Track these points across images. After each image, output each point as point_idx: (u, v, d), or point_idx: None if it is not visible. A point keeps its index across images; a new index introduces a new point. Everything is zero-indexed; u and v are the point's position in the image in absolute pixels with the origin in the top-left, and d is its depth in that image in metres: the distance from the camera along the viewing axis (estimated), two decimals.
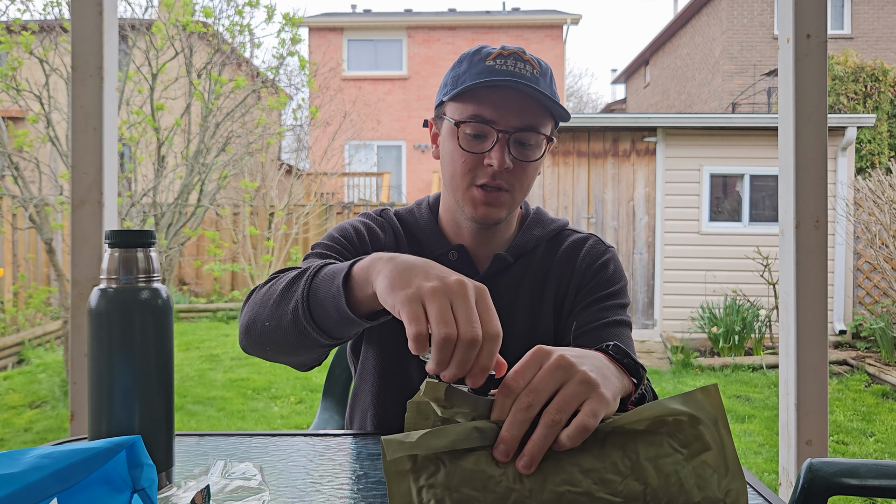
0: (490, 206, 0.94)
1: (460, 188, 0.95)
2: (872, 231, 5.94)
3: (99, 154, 1.47)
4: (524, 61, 0.92)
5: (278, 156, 11.99)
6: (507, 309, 1.00)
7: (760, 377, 5.08)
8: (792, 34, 1.48)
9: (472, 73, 0.92)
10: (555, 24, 15.34)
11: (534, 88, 0.89)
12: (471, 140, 0.92)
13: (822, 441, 1.45)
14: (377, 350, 1.04)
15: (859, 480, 0.65)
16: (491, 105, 0.91)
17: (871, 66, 8.82)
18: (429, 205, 1.07)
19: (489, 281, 1.01)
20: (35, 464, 0.50)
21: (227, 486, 0.72)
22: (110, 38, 1.52)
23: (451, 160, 0.95)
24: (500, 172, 0.92)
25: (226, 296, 8.55)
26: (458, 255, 1.01)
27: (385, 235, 1.02)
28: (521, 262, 1.03)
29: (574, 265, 1.03)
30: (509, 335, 1.00)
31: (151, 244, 0.72)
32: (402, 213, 1.07)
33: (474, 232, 1.01)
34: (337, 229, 1.01)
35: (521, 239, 1.03)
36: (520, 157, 0.93)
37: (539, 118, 0.93)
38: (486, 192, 0.93)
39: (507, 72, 0.90)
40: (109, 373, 0.68)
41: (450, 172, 0.96)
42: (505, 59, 0.91)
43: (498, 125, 0.91)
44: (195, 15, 5.10)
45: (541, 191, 6.66)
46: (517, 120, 0.91)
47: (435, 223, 1.04)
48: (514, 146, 0.92)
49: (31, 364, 5.24)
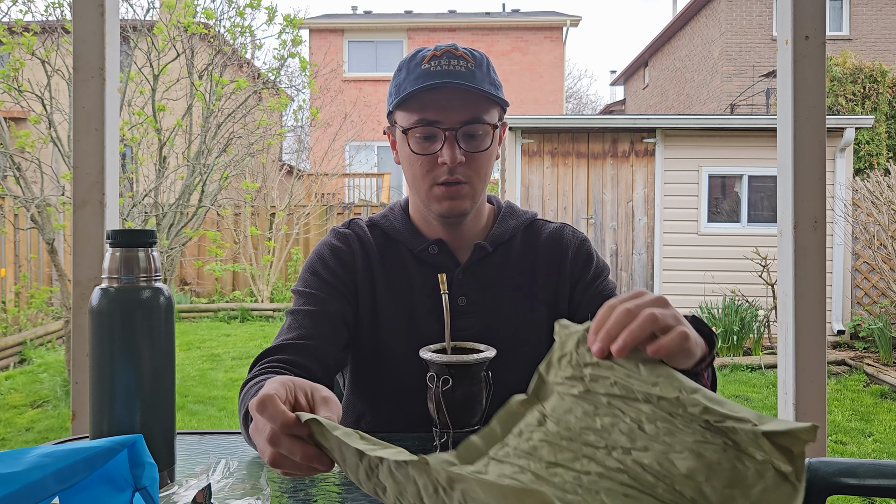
0: (453, 200, 0.99)
1: (422, 189, 1.00)
2: (871, 232, 5.94)
3: (101, 154, 1.48)
4: (457, 57, 0.96)
5: (279, 157, 11.99)
6: (493, 294, 1.05)
7: (759, 377, 5.08)
8: (790, 35, 1.48)
9: (410, 79, 0.97)
10: (554, 26, 15.35)
11: (467, 85, 0.94)
12: (421, 143, 0.97)
13: (820, 441, 1.46)
14: (365, 361, 1.06)
15: (858, 480, 0.65)
16: (433, 107, 0.95)
17: (869, 67, 8.82)
18: (401, 207, 1.11)
19: (472, 269, 1.05)
20: (36, 463, 0.50)
21: (228, 484, 0.72)
22: (112, 40, 1.52)
23: (409, 164, 1.00)
24: (455, 168, 0.96)
25: (227, 296, 8.55)
26: (438, 249, 1.05)
27: (351, 249, 1.06)
28: (501, 251, 1.07)
29: (566, 260, 1.08)
30: (497, 319, 1.03)
31: (153, 244, 0.72)
32: (377, 218, 1.10)
33: (446, 226, 1.05)
34: (307, 267, 1.05)
35: (497, 229, 1.08)
36: (470, 150, 0.97)
37: (481, 109, 0.97)
38: (447, 187, 0.98)
39: (442, 72, 0.95)
40: (111, 372, 0.69)
41: (411, 176, 1.01)
42: (439, 60, 0.96)
43: (443, 124, 0.95)
44: (196, 16, 5.11)
45: (540, 191, 6.66)
46: (459, 115, 0.95)
47: (409, 222, 1.08)
48: (462, 140, 0.96)
49: (33, 364, 5.25)
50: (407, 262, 1.05)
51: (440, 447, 0.85)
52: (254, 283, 8.30)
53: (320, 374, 0.95)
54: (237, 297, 8.37)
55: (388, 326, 1.03)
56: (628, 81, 21.13)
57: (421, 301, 1.03)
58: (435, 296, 1.02)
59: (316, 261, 1.05)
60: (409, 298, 1.03)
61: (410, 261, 1.05)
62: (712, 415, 0.49)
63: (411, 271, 1.04)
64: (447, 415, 0.82)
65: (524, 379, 1.04)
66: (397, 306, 1.03)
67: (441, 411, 0.82)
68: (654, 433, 0.50)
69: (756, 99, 12.58)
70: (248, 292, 8.53)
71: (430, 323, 1.02)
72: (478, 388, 0.83)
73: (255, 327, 7.14)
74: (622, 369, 0.55)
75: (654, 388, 0.52)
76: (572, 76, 29.31)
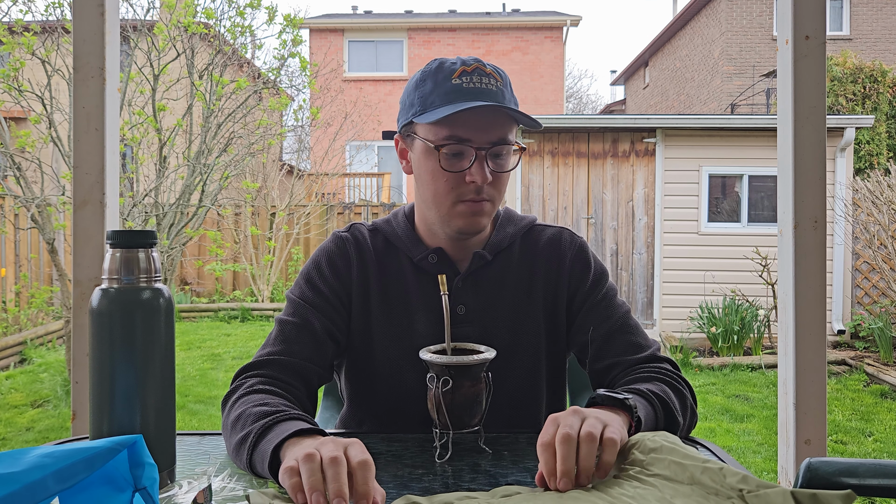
0: (476, 216, 0.99)
1: (445, 205, 0.99)
2: (871, 231, 5.94)
3: (101, 154, 1.47)
4: (487, 75, 0.96)
5: (280, 156, 11.99)
6: (492, 302, 1.04)
7: (759, 377, 5.08)
8: (791, 35, 1.48)
9: (439, 92, 0.95)
10: (555, 26, 15.34)
11: (505, 108, 0.93)
12: (450, 160, 0.96)
13: (820, 440, 1.46)
14: (362, 368, 1.06)
15: (858, 480, 0.65)
16: (465, 125, 0.94)
17: (869, 67, 8.82)
18: (405, 214, 1.10)
19: (472, 278, 1.05)
20: (37, 463, 0.50)
21: (228, 485, 0.72)
22: (112, 39, 1.52)
23: (433, 179, 0.98)
24: (482, 186, 0.96)
25: (227, 296, 8.55)
26: (438, 258, 1.04)
27: (348, 256, 1.05)
28: (500, 258, 1.07)
29: (563, 267, 1.08)
30: (496, 327, 1.03)
31: (153, 244, 0.72)
32: (380, 223, 1.10)
33: (452, 238, 1.04)
34: (303, 274, 1.05)
35: (496, 237, 1.07)
36: (497, 169, 0.97)
37: (508, 129, 0.97)
38: (473, 204, 0.98)
39: (475, 90, 0.94)
40: (111, 372, 0.69)
41: (431, 191, 0.99)
42: (470, 77, 0.95)
43: (473, 143, 0.95)
44: (197, 16, 5.10)
45: (541, 191, 6.66)
46: (490, 136, 0.95)
47: (412, 231, 1.07)
48: (490, 160, 0.96)
49: (33, 363, 5.25)
50: (405, 269, 1.05)
51: (440, 448, 0.85)
52: (254, 283, 8.30)
53: (302, 391, 0.95)
54: (237, 296, 8.38)
55: (384, 333, 1.03)
56: (628, 81, 21.12)
57: (417, 308, 1.03)
58: (432, 304, 1.02)
59: (312, 268, 1.05)
60: (406, 305, 1.03)
61: (409, 268, 1.05)
62: (748, 484, 0.58)
63: (409, 278, 1.04)
64: (447, 416, 0.82)
65: (522, 386, 1.05)
66: (394, 313, 1.03)
67: (441, 412, 0.82)
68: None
69: (756, 99, 12.57)
70: (248, 292, 8.54)
71: (426, 330, 1.01)
72: (478, 389, 0.83)
73: (255, 327, 7.14)
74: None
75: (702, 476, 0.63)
76: (572, 76, 29.31)
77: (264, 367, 0.95)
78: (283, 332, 0.99)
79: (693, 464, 0.63)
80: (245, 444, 0.79)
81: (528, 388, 1.05)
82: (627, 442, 0.73)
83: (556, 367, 1.09)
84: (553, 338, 1.07)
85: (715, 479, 0.60)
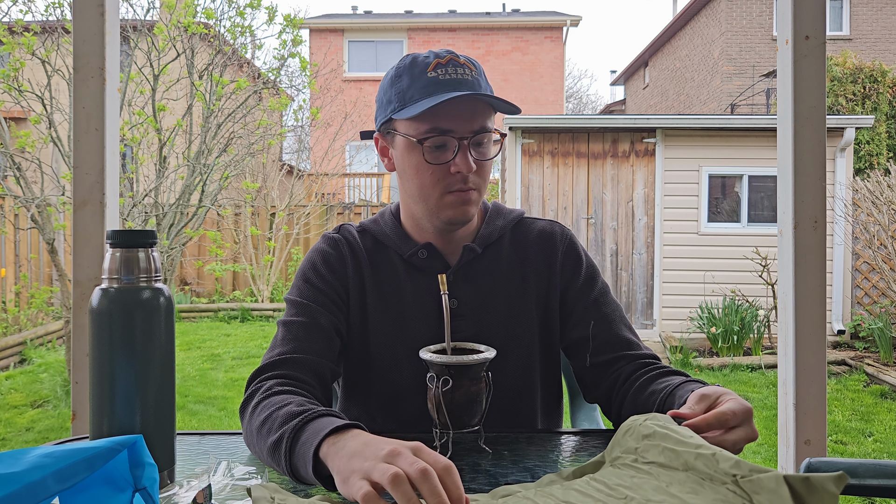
0: (464, 206, 0.99)
1: (432, 198, 0.99)
2: (871, 231, 5.94)
3: (101, 154, 1.47)
4: (462, 65, 0.96)
5: (279, 157, 11.99)
6: (484, 295, 1.05)
7: (759, 377, 5.08)
8: (791, 35, 1.48)
9: (417, 86, 0.95)
10: (555, 26, 15.35)
11: (483, 95, 0.94)
12: (434, 153, 0.96)
13: (820, 441, 1.45)
14: (358, 366, 1.06)
15: (858, 480, 0.65)
16: (446, 116, 0.94)
17: (869, 67, 8.82)
18: (392, 212, 1.11)
19: (462, 271, 1.05)
20: (37, 463, 0.50)
21: (228, 485, 0.72)
22: (112, 39, 1.52)
23: (417, 174, 0.99)
24: (467, 176, 0.97)
25: (227, 296, 8.55)
26: (428, 253, 1.05)
27: (342, 254, 1.06)
28: (490, 251, 1.08)
29: (555, 260, 1.09)
30: (489, 320, 1.03)
31: (153, 244, 0.73)
32: (367, 223, 1.11)
33: (439, 231, 1.05)
34: (300, 275, 1.05)
35: (486, 230, 1.08)
36: (480, 158, 0.98)
37: (487, 117, 0.98)
38: (460, 194, 0.98)
39: (452, 81, 0.95)
40: (111, 372, 0.69)
41: (417, 185, 1.00)
42: (445, 68, 0.95)
43: (456, 133, 0.95)
44: (197, 16, 5.11)
45: (540, 191, 6.66)
46: (472, 125, 0.96)
47: (399, 228, 1.08)
48: (473, 149, 0.97)
49: (33, 364, 5.25)
50: (397, 266, 1.05)
51: (440, 447, 0.85)
52: (254, 283, 8.30)
53: (318, 387, 0.95)
54: (237, 296, 8.38)
55: (379, 331, 1.03)
56: (628, 81, 21.12)
57: (411, 305, 1.03)
58: (425, 300, 1.03)
59: (308, 269, 1.05)
60: (400, 303, 1.04)
61: (400, 265, 1.05)
62: (741, 468, 0.58)
63: (401, 276, 1.05)
64: (447, 415, 0.82)
65: (517, 378, 1.05)
66: (388, 311, 1.03)
67: (441, 412, 0.82)
68: (679, 492, 0.61)
69: (756, 99, 12.57)
70: (248, 292, 8.54)
71: (421, 327, 1.02)
72: (478, 389, 0.83)
73: (255, 327, 7.14)
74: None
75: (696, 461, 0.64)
76: (572, 76, 29.31)
77: (278, 367, 0.93)
78: (290, 332, 0.98)
79: (686, 450, 0.64)
80: (280, 448, 0.76)
81: (523, 380, 1.06)
82: (620, 428, 0.73)
83: (551, 358, 1.10)
84: (546, 330, 1.08)
85: (708, 465, 0.61)
